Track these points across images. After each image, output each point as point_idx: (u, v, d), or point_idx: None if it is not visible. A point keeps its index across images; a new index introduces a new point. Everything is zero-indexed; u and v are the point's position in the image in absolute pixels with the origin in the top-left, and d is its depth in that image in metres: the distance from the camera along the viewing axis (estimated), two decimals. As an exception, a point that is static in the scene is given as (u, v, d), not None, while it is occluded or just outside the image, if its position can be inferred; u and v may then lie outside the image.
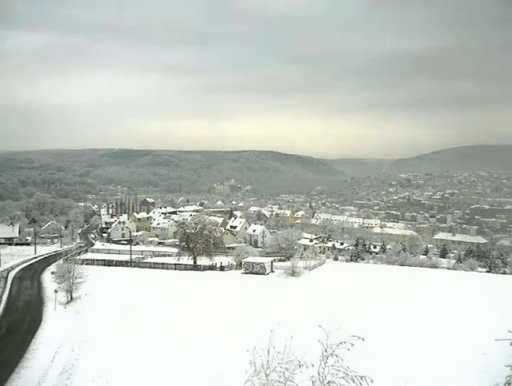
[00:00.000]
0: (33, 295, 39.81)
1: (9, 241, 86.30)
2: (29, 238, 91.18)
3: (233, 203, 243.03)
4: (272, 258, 66.19)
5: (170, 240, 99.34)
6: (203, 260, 64.24)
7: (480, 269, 71.36)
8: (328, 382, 9.44)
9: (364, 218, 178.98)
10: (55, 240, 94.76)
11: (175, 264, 61.95)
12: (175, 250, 73.95)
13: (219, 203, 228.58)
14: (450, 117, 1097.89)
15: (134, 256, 71.32)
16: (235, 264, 62.85)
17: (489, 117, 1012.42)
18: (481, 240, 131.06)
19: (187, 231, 64.90)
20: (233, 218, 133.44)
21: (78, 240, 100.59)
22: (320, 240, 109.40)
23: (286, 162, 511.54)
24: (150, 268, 62.46)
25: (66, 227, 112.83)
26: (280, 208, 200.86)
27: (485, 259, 79.37)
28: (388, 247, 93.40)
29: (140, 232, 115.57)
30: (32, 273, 53.09)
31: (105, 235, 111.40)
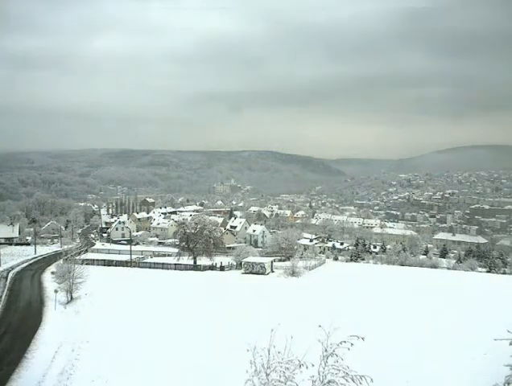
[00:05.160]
0: (33, 295, 39.84)
1: (9, 241, 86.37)
2: (29, 238, 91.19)
3: (233, 203, 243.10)
4: (272, 258, 66.25)
5: (170, 240, 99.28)
6: (203, 260, 64.27)
7: (480, 269, 71.39)
8: (328, 381, 9.47)
9: (364, 218, 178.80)
10: (55, 240, 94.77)
11: (175, 264, 61.96)
12: (175, 250, 73.97)
13: (219, 203, 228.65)
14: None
15: (134, 256, 71.31)
16: (235, 264, 62.85)
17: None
18: (481, 240, 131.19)
19: (187, 231, 64.95)
20: (233, 218, 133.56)
21: (78, 240, 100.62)
22: (320, 240, 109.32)
23: (286, 162, 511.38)
24: (150, 268, 62.47)
25: (66, 227, 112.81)
26: (280, 208, 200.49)
27: (485, 259, 79.37)
28: (388, 247, 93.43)
29: (140, 232, 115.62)
30: (32, 272, 53.13)
31: (105, 235, 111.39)
